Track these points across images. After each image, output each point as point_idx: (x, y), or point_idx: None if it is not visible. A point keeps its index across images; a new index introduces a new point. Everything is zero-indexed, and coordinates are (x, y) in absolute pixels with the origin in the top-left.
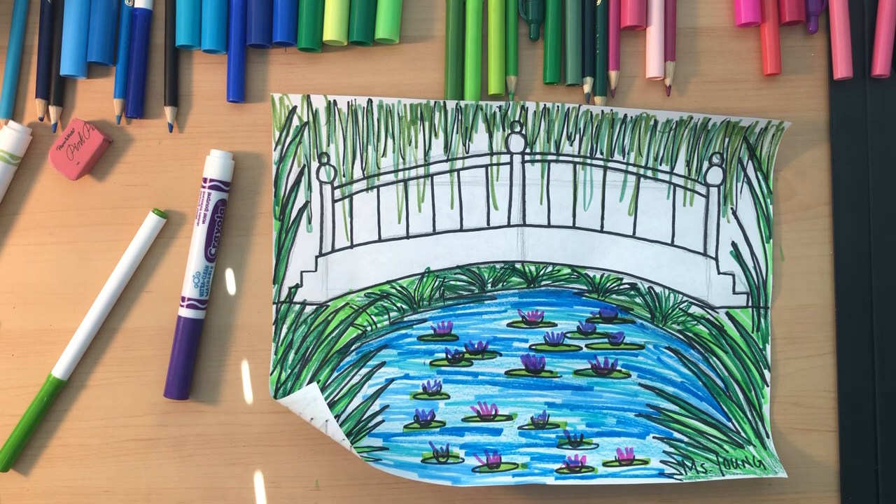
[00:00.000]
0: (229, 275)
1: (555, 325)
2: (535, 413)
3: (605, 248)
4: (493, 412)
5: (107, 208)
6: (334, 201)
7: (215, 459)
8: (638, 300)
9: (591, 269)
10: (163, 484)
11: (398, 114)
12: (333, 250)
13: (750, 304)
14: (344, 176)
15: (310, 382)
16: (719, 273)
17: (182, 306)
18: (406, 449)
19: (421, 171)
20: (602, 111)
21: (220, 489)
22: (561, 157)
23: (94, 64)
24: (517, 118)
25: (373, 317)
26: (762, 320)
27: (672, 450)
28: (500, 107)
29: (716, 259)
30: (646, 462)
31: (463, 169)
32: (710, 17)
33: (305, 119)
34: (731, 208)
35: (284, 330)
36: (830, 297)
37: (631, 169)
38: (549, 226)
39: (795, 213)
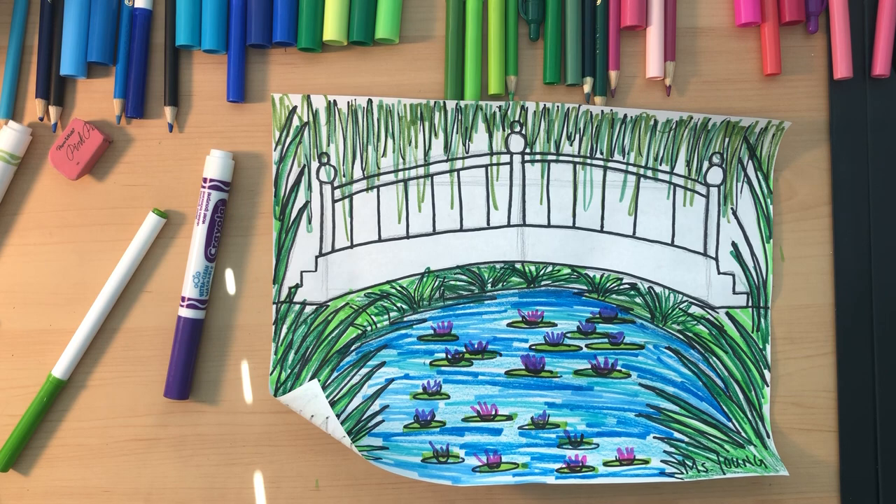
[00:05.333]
0: (229, 275)
1: (555, 325)
2: (535, 413)
3: (605, 248)
4: (493, 412)
5: (107, 208)
6: (334, 201)
7: (215, 459)
8: (638, 300)
9: (591, 269)
10: (163, 484)
11: (398, 114)
12: (333, 250)
13: (750, 304)
14: (344, 176)
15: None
16: (719, 273)
17: (182, 306)
18: (406, 449)
19: (421, 171)
20: (602, 111)
21: (220, 489)
22: (561, 157)
23: (94, 64)
24: (517, 118)
25: (373, 317)
26: (762, 320)
27: (673, 450)
28: (500, 107)
29: (716, 259)
30: (646, 462)
31: (463, 169)
32: (710, 17)
33: (305, 119)
34: (732, 208)
35: (284, 330)
36: (830, 297)
37: (631, 169)
38: (549, 226)
39: (795, 213)
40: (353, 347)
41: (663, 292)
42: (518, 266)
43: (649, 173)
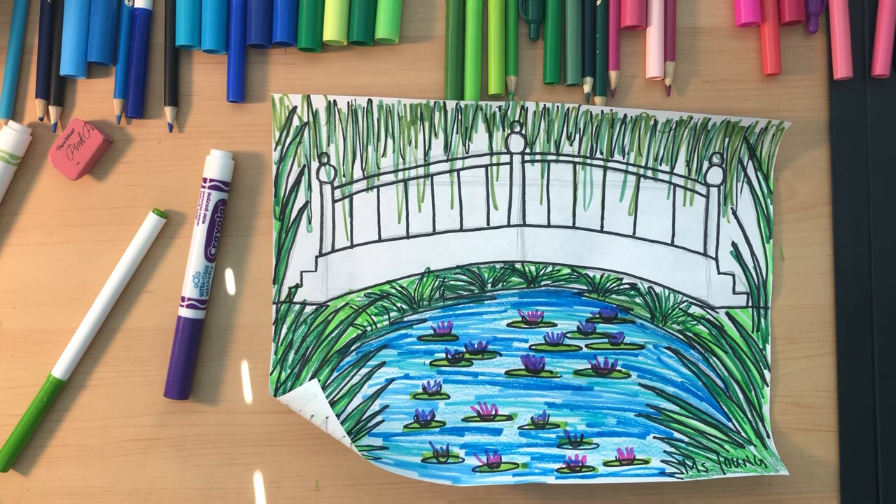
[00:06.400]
0: (229, 275)
1: (555, 325)
2: (535, 413)
3: (605, 248)
4: (493, 412)
5: (107, 208)
6: (334, 201)
7: (215, 459)
8: (638, 300)
9: (591, 269)
10: (163, 484)
11: (398, 114)
12: (333, 250)
13: (750, 304)
14: (344, 176)
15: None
16: (719, 273)
17: (182, 306)
18: (406, 449)
19: (421, 171)
20: (602, 111)
21: (220, 489)
22: (561, 157)
23: (94, 64)
24: (517, 118)
25: (373, 317)
26: (762, 320)
27: (673, 450)
28: (500, 107)
29: (716, 259)
30: (646, 462)
31: (463, 169)
32: (710, 17)
33: (305, 119)
34: (732, 208)
35: (284, 330)
36: (830, 297)
37: (631, 169)
38: (549, 226)
39: (795, 213)
40: (353, 347)
41: (663, 292)
42: (518, 266)
43: (649, 173)
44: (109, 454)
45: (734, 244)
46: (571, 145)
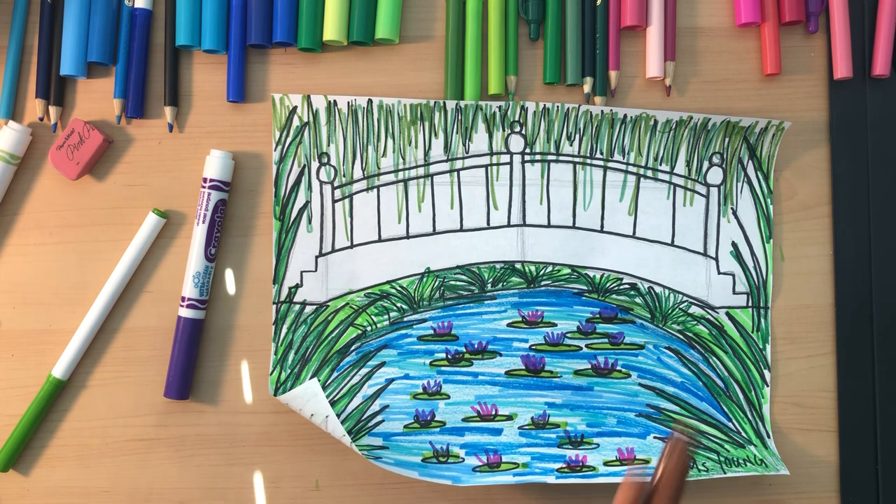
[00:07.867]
0: (229, 275)
1: (555, 325)
2: (535, 413)
3: (605, 248)
4: (494, 412)
5: (107, 208)
6: (334, 201)
7: (215, 459)
8: (638, 300)
9: (591, 269)
10: (163, 484)
11: (398, 114)
12: (333, 250)
13: (750, 304)
14: (344, 176)
15: None
16: (719, 273)
17: (182, 306)
18: (406, 448)
19: (421, 171)
20: (602, 111)
21: (220, 489)
22: (561, 157)
23: (94, 64)
24: (517, 118)
25: (373, 317)
26: (762, 320)
27: None
28: (500, 107)
29: (716, 259)
30: (647, 462)
31: (463, 169)
32: (710, 17)
33: (306, 119)
34: (732, 208)
35: (284, 330)
36: (830, 297)
37: (631, 169)
38: (549, 226)
39: (795, 213)
40: (353, 347)
41: (663, 292)
42: (518, 266)
43: (649, 173)
44: (109, 454)
45: (734, 244)
46: (571, 145)
